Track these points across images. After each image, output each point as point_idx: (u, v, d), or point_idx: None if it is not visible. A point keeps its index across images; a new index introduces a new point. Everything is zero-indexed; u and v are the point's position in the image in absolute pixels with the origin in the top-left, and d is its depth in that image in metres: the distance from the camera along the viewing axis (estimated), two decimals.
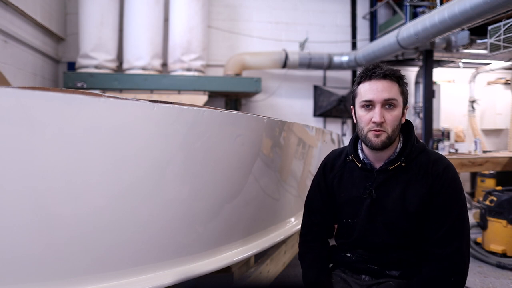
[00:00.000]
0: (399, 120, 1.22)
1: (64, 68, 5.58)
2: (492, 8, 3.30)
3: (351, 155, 1.35)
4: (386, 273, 1.27)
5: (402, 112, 1.24)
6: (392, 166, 1.25)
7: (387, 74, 1.20)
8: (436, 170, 1.21)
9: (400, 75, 1.23)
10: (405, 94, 1.24)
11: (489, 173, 5.61)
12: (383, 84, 1.19)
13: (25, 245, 0.97)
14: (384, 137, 1.20)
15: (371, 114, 1.20)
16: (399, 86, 1.22)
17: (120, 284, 1.10)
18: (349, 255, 1.33)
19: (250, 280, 1.73)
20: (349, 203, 1.32)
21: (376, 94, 1.19)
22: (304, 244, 1.45)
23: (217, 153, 1.33)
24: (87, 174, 1.02)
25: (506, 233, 3.19)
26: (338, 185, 1.37)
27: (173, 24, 5.35)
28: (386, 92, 1.19)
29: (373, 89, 1.20)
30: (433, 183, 1.20)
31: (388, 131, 1.20)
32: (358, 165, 1.32)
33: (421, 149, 1.27)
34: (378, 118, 1.18)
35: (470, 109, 7.05)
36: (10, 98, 0.90)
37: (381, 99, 1.19)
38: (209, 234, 1.38)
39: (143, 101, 1.08)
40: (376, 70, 1.20)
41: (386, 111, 1.20)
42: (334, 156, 1.44)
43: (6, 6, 4.05)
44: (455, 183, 1.21)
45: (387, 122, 1.19)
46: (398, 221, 1.23)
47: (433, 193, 1.20)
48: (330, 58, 5.97)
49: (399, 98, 1.21)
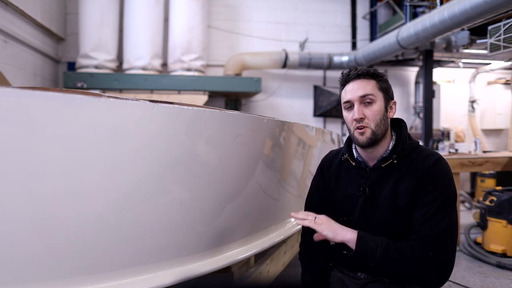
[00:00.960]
0: (381, 114, 1.25)
1: (64, 68, 5.58)
2: (492, 8, 3.31)
3: (345, 154, 1.39)
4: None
5: (386, 107, 1.27)
6: (384, 163, 1.27)
7: (360, 74, 1.27)
8: (426, 164, 1.23)
9: (375, 73, 1.28)
10: (384, 89, 1.28)
11: (489, 173, 5.61)
12: (358, 84, 1.26)
13: (25, 245, 0.96)
14: (368, 133, 1.24)
15: (352, 113, 1.26)
16: (376, 82, 1.27)
17: (120, 284, 1.10)
18: (345, 252, 1.34)
19: (250, 280, 1.73)
20: (344, 201, 1.35)
21: (352, 94, 1.26)
22: (304, 244, 1.47)
23: (217, 153, 1.33)
24: (87, 174, 1.02)
25: (506, 233, 3.19)
26: (335, 184, 1.40)
27: (173, 24, 5.35)
28: (361, 90, 1.25)
29: (350, 90, 1.27)
30: (422, 176, 1.22)
31: (371, 126, 1.24)
32: (353, 164, 1.35)
33: (413, 147, 1.29)
34: (357, 114, 1.24)
35: (470, 109, 7.05)
36: (10, 98, 0.90)
37: (356, 96, 1.25)
38: (209, 234, 1.38)
39: (143, 101, 1.08)
40: (351, 73, 1.29)
41: (365, 107, 1.25)
42: (331, 157, 1.49)
43: (6, 6, 4.05)
44: (444, 176, 1.22)
45: (368, 117, 1.24)
46: (390, 217, 1.24)
47: (421, 187, 1.22)
48: (330, 58, 5.98)
49: (377, 94, 1.26)
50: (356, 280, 1.32)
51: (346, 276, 1.35)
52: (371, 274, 1.29)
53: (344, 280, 1.35)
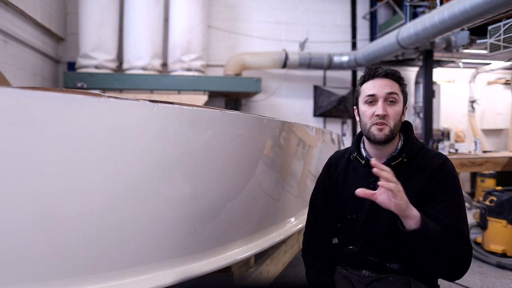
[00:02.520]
0: (400, 116, 1.30)
1: (64, 68, 5.58)
2: (492, 8, 3.31)
3: (354, 153, 1.40)
4: (387, 265, 1.29)
5: (403, 111, 1.32)
6: (394, 162, 1.30)
7: (389, 73, 1.29)
8: (434, 164, 1.28)
9: (400, 76, 1.32)
10: (405, 93, 1.33)
11: (489, 173, 5.61)
12: (385, 81, 1.28)
13: (25, 245, 0.96)
14: (387, 131, 1.26)
15: (374, 108, 1.28)
16: (399, 85, 1.31)
17: (120, 284, 1.10)
18: (351, 247, 1.37)
19: (250, 280, 1.73)
20: (353, 199, 1.34)
21: (378, 89, 1.27)
22: (308, 241, 1.48)
23: (217, 153, 1.33)
24: (87, 174, 1.02)
25: (506, 233, 3.19)
26: (343, 183, 1.41)
27: (173, 24, 5.35)
28: (388, 87, 1.27)
29: (376, 85, 1.29)
30: (431, 175, 1.26)
31: (391, 125, 1.26)
32: (362, 162, 1.37)
33: (420, 147, 1.34)
34: (381, 110, 1.25)
35: (470, 109, 7.05)
36: (10, 98, 0.90)
37: (383, 93, 1.27)
38: (209, 234, 1.38)
39: (143, 101, 1.08)
40: (378, 70, 1.30)
41: (388, 105, 1.27)
42: (337, 156, 1.51)
43: (6, 6, 4.05)
44: (452, 177, 1.27)
45: (390, 116, 1.26)
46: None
47: (431, 185, 1.25)
48: (330, 58, 5.97)
49: (400, 95, 1.30)
50: (361, 278, 1.33)
51: (350, 274, 1.36)
52: (376, 272, 1.30)
53: (349, 277, 1.35)
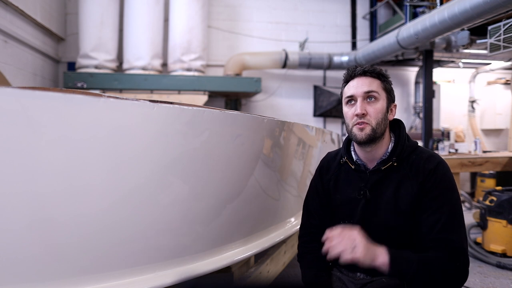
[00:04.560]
0: (383, 113, 1.25)
1: (64, 68, 5.58)
2: (492, 8, 3.31)
3: (344, 157, 1.37)
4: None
5: (387, 108, 1.27)
6: (384, 166, 1.26)
7: (366, 71, 1.26)
8: (427, 168, 1.22)
9: (380, 72, 1.28)
10: (388, 90, 1.28)
11: (489, 173, 5.61)
12: (363, 80, 1.25)
13: (25, 245, 0.97)
14: (368, 130, 1.22)
15: (354, 108, 1.25)
16: (381, 82, 1.27)
17: (120, 284, 1.10)
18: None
19: (250, 280, 1.73)
20: (344, 204, 1.34)
21: (356, 89, 1.25)
22: (302, 245, 1.46)
23: (217, 153, 1.33)
24: (87, 174, 1.02)
25: (506, 233, 3.19)
26: (334, 187, 1.39)
27: (173, 24, 5.35)
28: (365, 86, 1.24)
29: (354, 85, 1.26)
30: (424, 180, 1.21)
31: (372, 124, 1.22)
32: (352, 167, 1.34)
33: (413, 148, 1.28)
34: (359, 109, 1.22)
35: (470, 109, 7.05)
36: (10, 98, 0.90)
37: (361, 92, 1.24)
38: (209, 234, 1.38)
39: (143, 101, 1.08)
40: (357, 69, 1.28)
41: (367, 104, 1.24)
42: (329, 159, 1.47)
43: (6, 6, 4.05)
44: (447, 180, 1.21)
45: (370, 114, 1.23)
46: (391, 220, 1.24)
47: (424, 191, 1.20)
48: (330, 58, 5.98)
49: (381, 92, 1.25)
50: (355, 280, 1.32)
51: (345, 276, 1.35)
52: (370, 274, 1.29)
53: (343, 279, 1.35)
